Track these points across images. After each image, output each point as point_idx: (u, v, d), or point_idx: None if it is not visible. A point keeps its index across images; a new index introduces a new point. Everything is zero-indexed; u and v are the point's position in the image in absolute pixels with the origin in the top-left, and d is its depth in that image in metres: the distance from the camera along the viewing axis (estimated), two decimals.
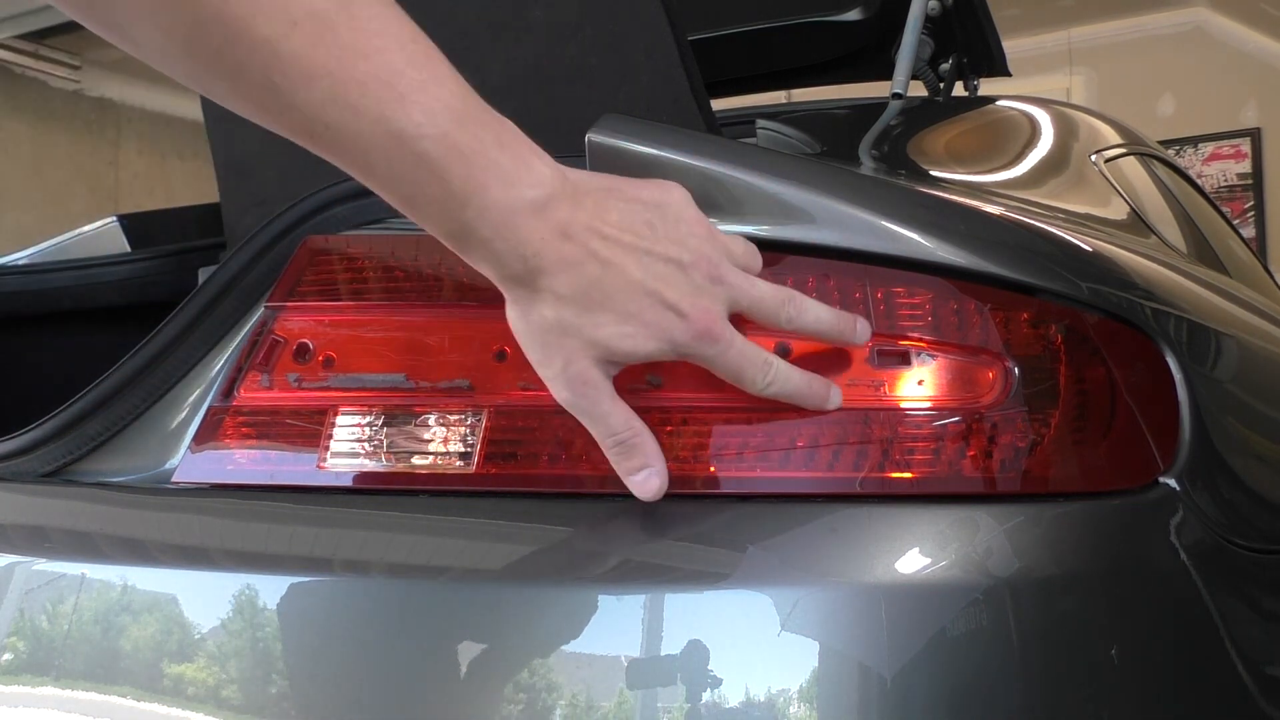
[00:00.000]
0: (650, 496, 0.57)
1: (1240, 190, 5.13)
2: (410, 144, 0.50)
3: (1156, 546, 0.60)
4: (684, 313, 0.55)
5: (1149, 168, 1.28)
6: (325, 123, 0.50)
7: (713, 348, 0.56)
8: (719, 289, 0.56)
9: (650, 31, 0.78)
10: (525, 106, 0.82)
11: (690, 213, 0.57)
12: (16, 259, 1.44)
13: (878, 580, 0.54)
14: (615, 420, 0.57)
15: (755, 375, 0.57)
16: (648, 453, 0.57)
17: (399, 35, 0.51)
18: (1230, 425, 0.69)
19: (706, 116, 0.80)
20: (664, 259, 0.55)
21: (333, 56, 0.49)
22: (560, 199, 0.53)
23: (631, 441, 0.57)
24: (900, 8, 1.38)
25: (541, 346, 0.56)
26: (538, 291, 0.54)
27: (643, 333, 0.55)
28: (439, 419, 0.62)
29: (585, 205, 0.54)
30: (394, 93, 0.50)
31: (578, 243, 0.53)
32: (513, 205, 0.52)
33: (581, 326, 0.55)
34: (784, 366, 0.57)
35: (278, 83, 0.48)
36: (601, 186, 0.56)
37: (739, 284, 0.57)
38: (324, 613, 0.58)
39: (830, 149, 1.08)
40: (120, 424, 0.70)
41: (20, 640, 0.63)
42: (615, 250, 0.54)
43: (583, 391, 0.56)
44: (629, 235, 0.55)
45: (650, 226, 0.55)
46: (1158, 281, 0.72)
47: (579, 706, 0.53)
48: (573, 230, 0.53)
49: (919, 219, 0.61)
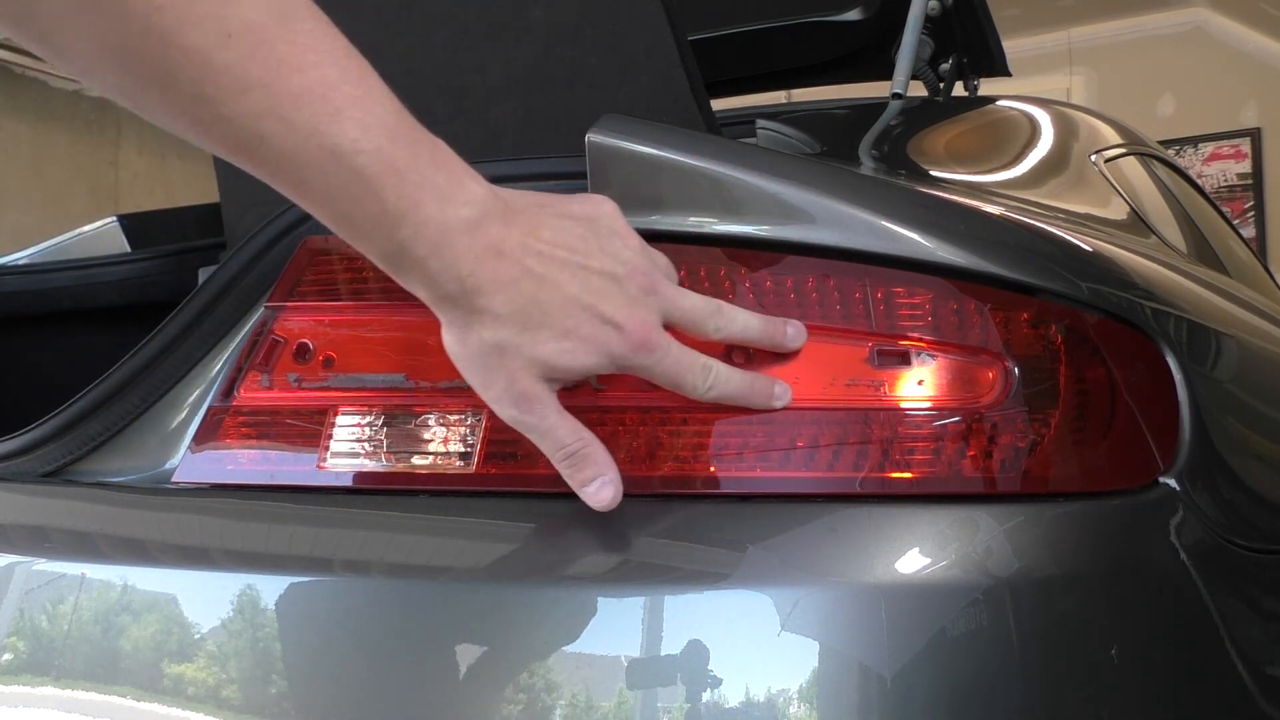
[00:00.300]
0: (605, 506, 0.56)
1: (1240, 190, 5.13)
2: (346, 160, 0.50)
3: (1156, 546, 0.60)
4: (620, 325, 0.55)
5: (1149, 168, 1.28)
6: (259, 135, 0.49)
7: (650, 357, 0.56)
8: (653, 299, 0.56)
9: (650, 31, 0.78)
10: (525, 106, 0.82)
11: (622, 226, 0.58)
12: (16, 259, 1.44)
13: (878, 580, 0.54)
14: (563, 433, 0.57)
15: (695, 381, 0.57)
16: (599, 462, 0.57)
17: (335, 51, 0.50)
18: (1230, 425, 0.69)
19: (706, 116, 0.80)
20: (599, 273, 0.55)
21: (268, 69, 0.48)
22: (493, 217, 0.53)
23: (582, 453, 0.57)
24: (900, 8, 1.38)
25: (482, 369, 0.56)
26: (474, 312, 0.54)
27: (582, 347, 0.55)
28: (439, 419, 0.62)
29: (518, 223, 0.54)
30: (330, 107, 0.49)
31: (512, 260, 0.53)
32: (447, 223, 0.52)
33: (521, 345, 0.54)
34: (724, 369, 0.58)
35: (209, 94, 0.48)
36: (533, 204, 0.56)
37: (671, 295, 0.57)
38: (324, 613, 0.58)
39: (830, 149, 1.08)
40: (120, 424, 0.70)
41: (20, 640, 0.63)
42: (550, 266, 0.54)
43: (528, 409, 0.56)
44: (563, 251, 0.55)
45: (584, 241, 0.56)
46: (1158, 281, 0.72)
47: (579, 706, 0.53)
48: (507, 248, 0.53)
49: (919, 219, 0.61)
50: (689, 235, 0.61)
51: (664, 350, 0.56)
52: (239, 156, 0.51)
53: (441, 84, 0.84)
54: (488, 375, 0.56)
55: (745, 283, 0.61)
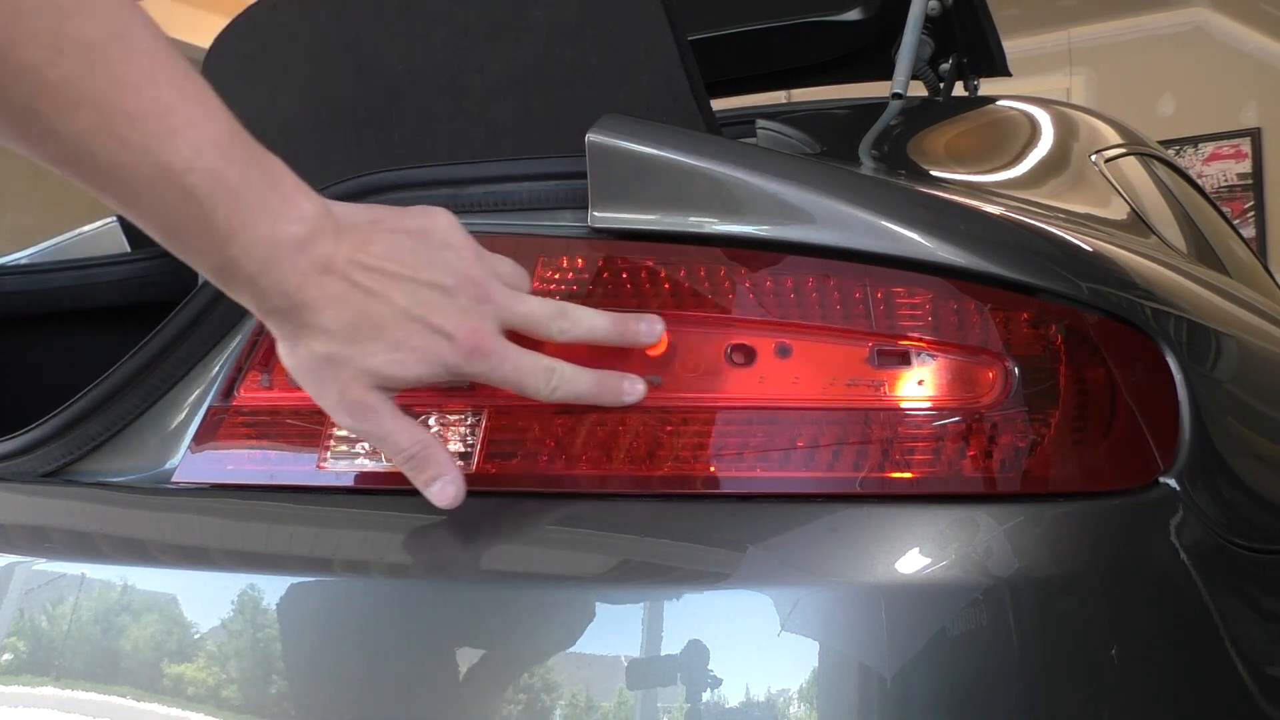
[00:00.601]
0: (447, 504, 0.58)
1: (1240, 190, 5.13)
2: (177, 178, 0.50)
3: (1156, 546, 0.60)
4: (450, 334, 0.56)
5: (1149, 168, 1.28)
6: (90, 152, 0.49)
7: (485, 364, 0.57)
8: (486, 308, 0.58)
9: (650, 31, 0.78)
10: (525, 106, 0.82)
11: (456, 237, 0.59)
12: (16, 259, 1.44)
13: (878, 580, 0.54)
14: (401, 438, 0.58)
15: (538, 384, 0.58)
16: (439, 463, 0.58)
17: (171, 70, 0.50)
18: (1230, 425, 0.69)
19: (706, 116, 0.80)
20: (428, 285, 0.56)
21: (101, 88, 0.48)
22: (323, 234, 0.54)
23: (421, 455, 0.58)
24: (900, 8, 1.38)
25: (314, 380, 0.57)
26: (303, 327, 0.55)
27: (413, 358, 0.56)
28: (439, 419, 0.62)
29: (348, 239, 0.55)
30: (163, 127, 0.49)
31: (339, 276, 0.55)
32: (277, 241, 0.53)
33: (352, 357, 0.56)
34: (569, 370, 0.59)
35: (41, 109, 0.47)
36: (367, 219, 0.57)
37: (506, 302, 0.58)
38: (324, 613, 0.58)
39: (830, 149, 1.08)
40: (120, 424, 0.70)
41: (20, 640, 0.63)
42: (379, 280, 0.55)
43: (363, 417, 0.57)
44: (392, 265, 0.56)
45: (414, 254, 0.57)
46: (1158, 281, 0.72)
47: (579, 706, 0.53)
48: (335, 264, 0.54)
49: (919, 219, 0.61)
50: (689, 235, 0.61)
51: (500, 356, 0.57)
52: (69, 171, 0.51)
53: (441, 84, 0.84)
54: (320, 386, 0.57)
55: (745, 283, 0.61)
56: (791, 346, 0.60)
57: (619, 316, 0.60)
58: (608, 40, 0.79)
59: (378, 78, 0.86)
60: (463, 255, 0.58)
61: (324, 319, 0.55)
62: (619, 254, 0.62)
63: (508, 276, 0.60)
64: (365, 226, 0.56)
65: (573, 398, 0.59)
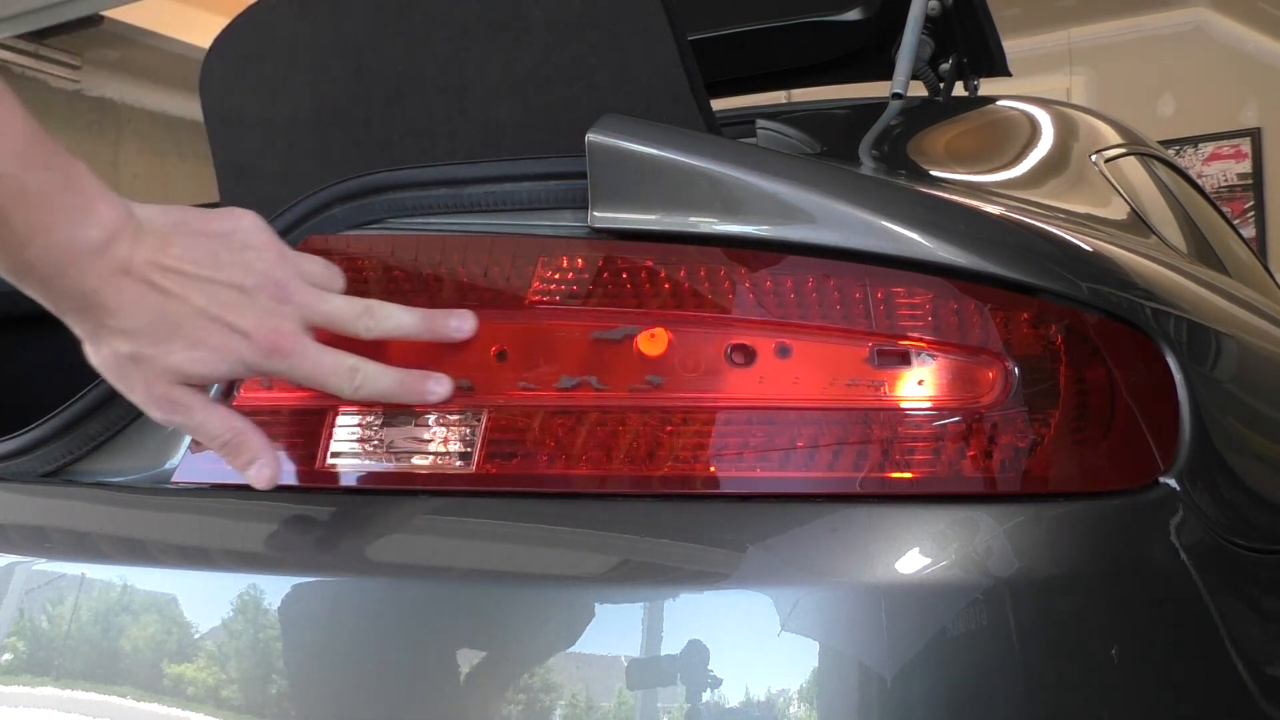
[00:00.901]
0: (264, 485, 0.61)
1: (1240, 190, 5.13)
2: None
3: (1156, 546, 0.60)
4: (248, 333, 0.58)
5: (1149, 168, 1.28)
6: None
7: (284, 362, 0.59)
8: (287, 308, 0.59)
9: (650, 31, 0.78)
10: (525, 106, 0.82)
11: (259, 239, 0.60)
12: None
13: (878, 580, 0.54)
14: (213, 426, 0.60)
15: (340, 383, 0.60)
16: (253, 447, 0.61)
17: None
18: (1230, 425, 0.69)
19: (706, 116, 0.80)
20: (227, 285, 0.58)
21: None
22: (122, 238, 0.56)
23: (235, 441, 0.60)
24: (900, 8, 1.38)
25: (120, 377, 0.59)
26: (103, 327, 0.57)
27: (212, 356, 0.58)
28: (439, 419, 0.62)
29: (147, 242, 0.56)
30: None
31: (137, 278, 0.56)
32: (75, 245, 0.54)
33: (154, 356, 0.57)
34: (373, 369, 0.61)
35: None
36: (170, 222, 0.58)
37: (309, 301, 0.60)
38: (324, 613, 0.58)
39: (830, 149, 1.08)
40: (120, 424, 0.70)
41: (20, 640, 0.63)
42: (177, 282, 0.57)
43: (172, 410, 0.59)
44: (191, 266, 0.57)
45: (214, 256, 0.58)
46: (1158, 281, 0.72)
47: (579, 706, 0.53)
48: (133, 266, 0.56)
49: (919, 219, 0.61)
50: (689, 235, 0.61)
51: (300, 355, 0.59)
52: None
53: (441, 84, 0.84)
54: (127, 383, 0.59)
55: (745, 283, 0.61)
56: (791, 346, 0.60)
57: (428, 312, 0.62)
58: (608, 40, 0.79)
59: (378, 78, 0.86)
60: (264, 256, 0.60)
61: (122, 320, 0.56)
62: (619, 254, 0.62)
63: (315, 277, 0.62)
64: (166, 229, 0.58)
65: (376, 396, 0.61)
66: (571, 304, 0.62)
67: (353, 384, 0.60)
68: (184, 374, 0.58)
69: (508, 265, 0.63)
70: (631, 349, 0.61)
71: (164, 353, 0.57)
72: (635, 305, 0.61)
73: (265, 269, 0.59)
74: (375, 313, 0.61)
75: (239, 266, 0.59)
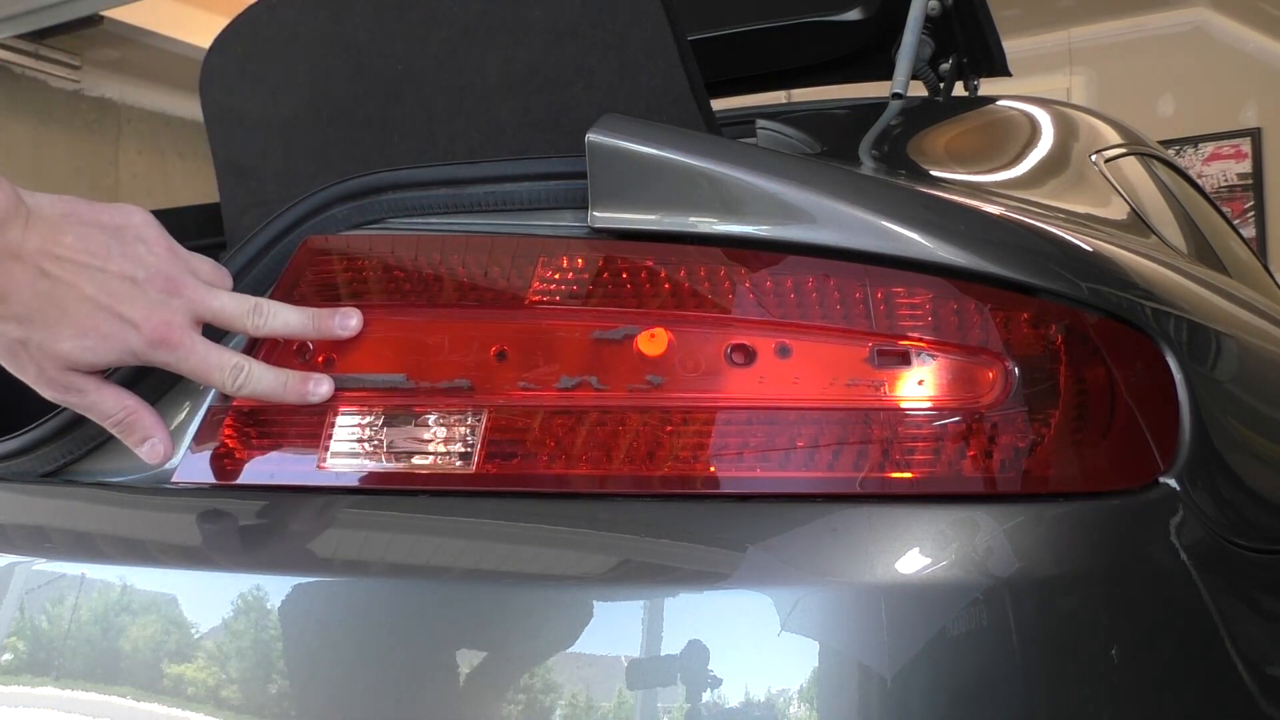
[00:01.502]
0: (158, 462, 0.63)
1: (1240, 190, 5.13)
2: None
3: (1156, 546, 0.60)
4: (137, 324, 0.59)
5: (1149, 168, 1.28)
6: None
7: (171, 355, 0.60)
8: (177, 301, 0.61)
9: (650, 31, 0.78)
10: (525, 106, 0.82)
11: (151, 234, 0.62)
12: None
13: (878, 580, 0.54)
14: (106, 406, 0.62)
15: (223, 379, 0.62)
16: (146, 425, 0.63)
17: None
18: (1230, 425, 0.69)
19: (706, 116, 0.80)
20: (118, 276, 0.59)
21: None
22: (12, 224, 0.56)
23: (128, 420, 0.63)
24: (900, 8, 1.38)
25: (12, 360, 0.60)
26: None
27: (101, 345, 0.59)
28: (439, 419, 0.62)
29: (39, 229, 0.58)
30: None
31: (28, 264, 0.57)
32: None
33: (43, 341, 0.59)
34: (258, 369, 0.62)
35: None
36: (61, 212, 0.59)
37: (198, 297, 0.61)
38: (324, 613, 0.58)
39: (830, 149, 1.08)
40: None
41: (20, 640, 0.63)
42: (68, 270, 0.58)
43: (64, 392, 0.61)
44: (84, 256, 0.59)
45: (106, 248, 0.59)
46: (1158, 281, 0.72)
47: (579, 707, 0.53)
48: (24, 252, 0.57)
49: (919, 219, 0.61)
50: (689, 235, 0.61)
51: (187, 349, 0.61)
52: None
53: (441, 84, 0.84)
54: (18, 365, 0.61)
55: (745, 283, 0.61)
56: (791, 346, 0.60)
57: (314, 311, 0.63)
58: (608, 40, 0.79)
59: (378, 78, 0.86)
60: (155, 251, 0.61)
61: (12, 305, 0.58)
62: (619, 254, 0.62)
63: (205, 274, 0.63)
64: (58, 218, 0.59)
65: (258, 394, 0.62)
66: (571, 304, 0.62)
67: (235, 381, 0.62)
68: (73, 360, 0.60)
69: (508, 265, 0.63)
70: (631, 349, 0.61)
71: (52, 339, 0.59)
72: (635, 305, 0.61)
73: (156, 263, 0.61)
74: (263, 310, 0.63)
75: (131, 259, 0.60)
